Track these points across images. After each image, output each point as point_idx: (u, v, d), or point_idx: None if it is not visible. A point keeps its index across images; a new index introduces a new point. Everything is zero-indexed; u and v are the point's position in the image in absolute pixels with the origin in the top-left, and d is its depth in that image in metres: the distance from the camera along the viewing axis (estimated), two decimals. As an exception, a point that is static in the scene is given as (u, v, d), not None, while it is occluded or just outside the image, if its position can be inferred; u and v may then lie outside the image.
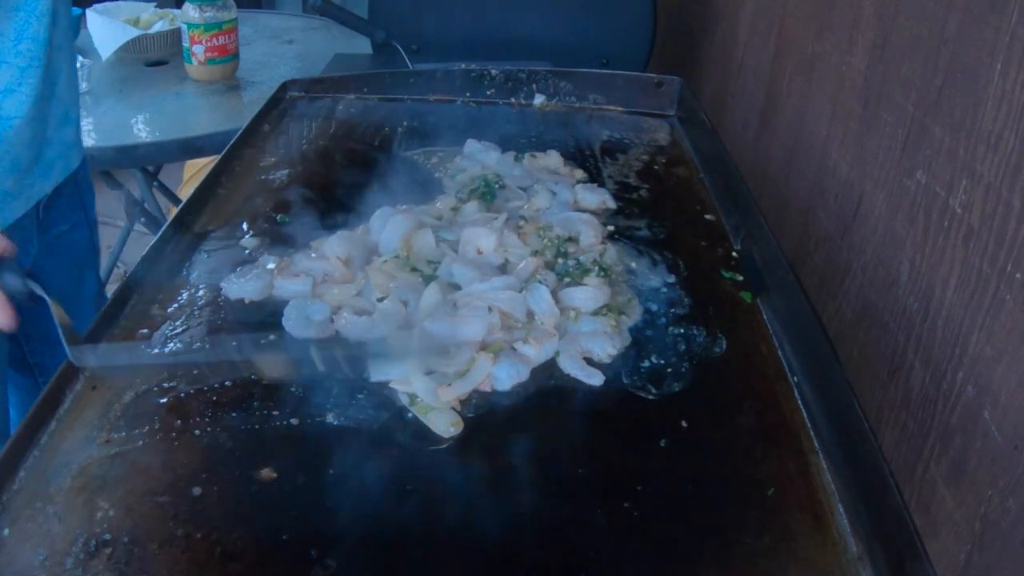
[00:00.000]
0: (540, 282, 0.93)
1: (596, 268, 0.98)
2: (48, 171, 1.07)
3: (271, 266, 0.97)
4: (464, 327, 0.85)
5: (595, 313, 0.92)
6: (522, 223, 1.07)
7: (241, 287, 0.95)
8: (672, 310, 0.96)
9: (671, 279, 1.02)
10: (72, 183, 1.19)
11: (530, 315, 0.91)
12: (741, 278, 1.03)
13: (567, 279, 0.97)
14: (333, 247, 0.98)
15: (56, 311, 0.76)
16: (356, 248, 0.99)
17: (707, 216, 1.18)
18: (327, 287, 0.95)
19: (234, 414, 0.78)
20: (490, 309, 0.87)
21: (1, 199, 1.00)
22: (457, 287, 0.94)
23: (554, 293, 0.93)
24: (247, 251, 1.03)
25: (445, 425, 0.78)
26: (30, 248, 1.12)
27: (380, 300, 0.91)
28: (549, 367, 0.86)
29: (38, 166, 1.04)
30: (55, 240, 1.20)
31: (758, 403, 0.84)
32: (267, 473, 0.72)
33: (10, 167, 0.98)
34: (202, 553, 0.65)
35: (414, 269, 0.97)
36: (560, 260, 1.00)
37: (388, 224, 1.01)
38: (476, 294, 0.91)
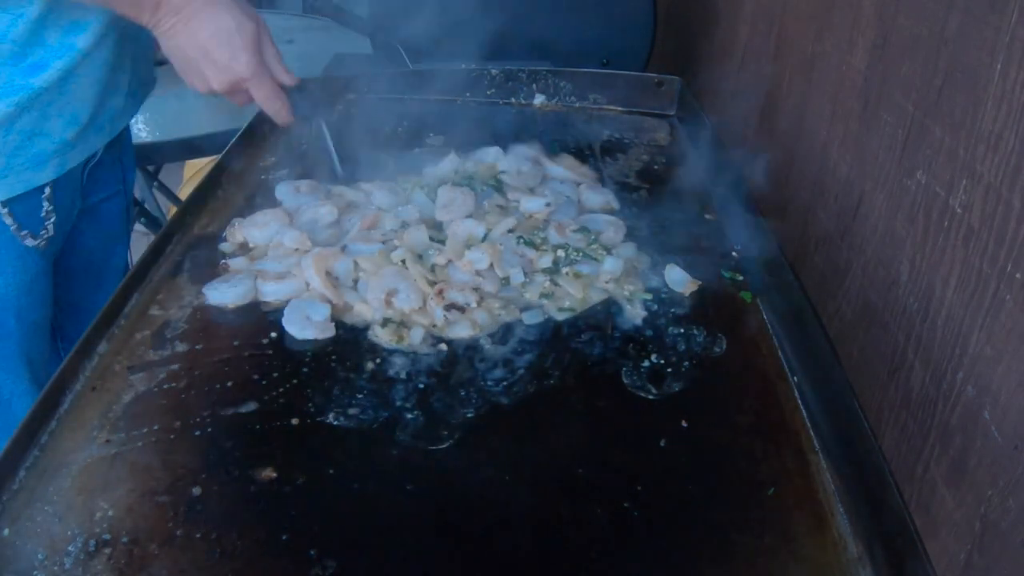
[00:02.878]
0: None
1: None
2: (100, 131, 1.13)
3: (236, 266, 0.99)
4: None
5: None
6: (535, 223, 1.09)
7: (222, 292, 0.95)
8: (672, 310, 0.96)
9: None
10: (116, 152, 1.23)
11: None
12: (741, 278, 1.03)
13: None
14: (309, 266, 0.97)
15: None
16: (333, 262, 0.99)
17: (707, 216, 1.18)
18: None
19: (234, 414, 0.78)
20: None
21: (62, 149, 1.05)
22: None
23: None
24: (224, 256, 1.02)
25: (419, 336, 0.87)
26: (73, 209, 1.14)
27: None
28: (549, 365, 0.87)
29: (93, 125, 1.10)
30: (93, 208, 1.22)
31: (758, 403, 0.84)
32: (267, 473, 0.72)
33: (71, 120, 1.05)
34: (202, 553, 0.65)
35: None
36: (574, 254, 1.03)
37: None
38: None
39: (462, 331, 0.90)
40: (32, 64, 0.97)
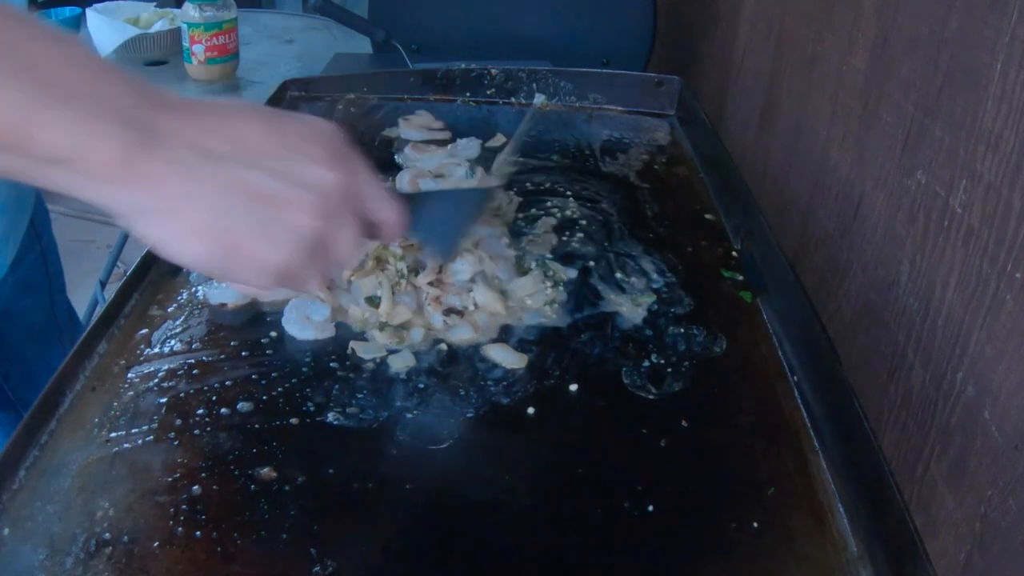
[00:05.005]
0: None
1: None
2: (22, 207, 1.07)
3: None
4: None
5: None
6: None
7: (223, 292, 0.94)
8: (672, 310, 0.96)
9: (671, 278, 1.02)
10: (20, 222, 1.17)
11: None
12: (741, 278, 1.03)
13: None
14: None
15: None
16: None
17: (707, 216, 1.18)
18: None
19: (234, 414, 0.78)
20: None
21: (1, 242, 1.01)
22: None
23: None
24: None
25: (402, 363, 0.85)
26: (5, 286, 1.11)
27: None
28: (549, 365, 0.87)
29: (20, 207, 1.04)
30: (27, 270, 1.18)
31: (758, 403, 0.84)
32: (267, 473, 0.72)
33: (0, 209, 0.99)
34: (202, 553, 0.65)
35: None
36: None
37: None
38: None
39: (463, 334, 0.89)
40: None
